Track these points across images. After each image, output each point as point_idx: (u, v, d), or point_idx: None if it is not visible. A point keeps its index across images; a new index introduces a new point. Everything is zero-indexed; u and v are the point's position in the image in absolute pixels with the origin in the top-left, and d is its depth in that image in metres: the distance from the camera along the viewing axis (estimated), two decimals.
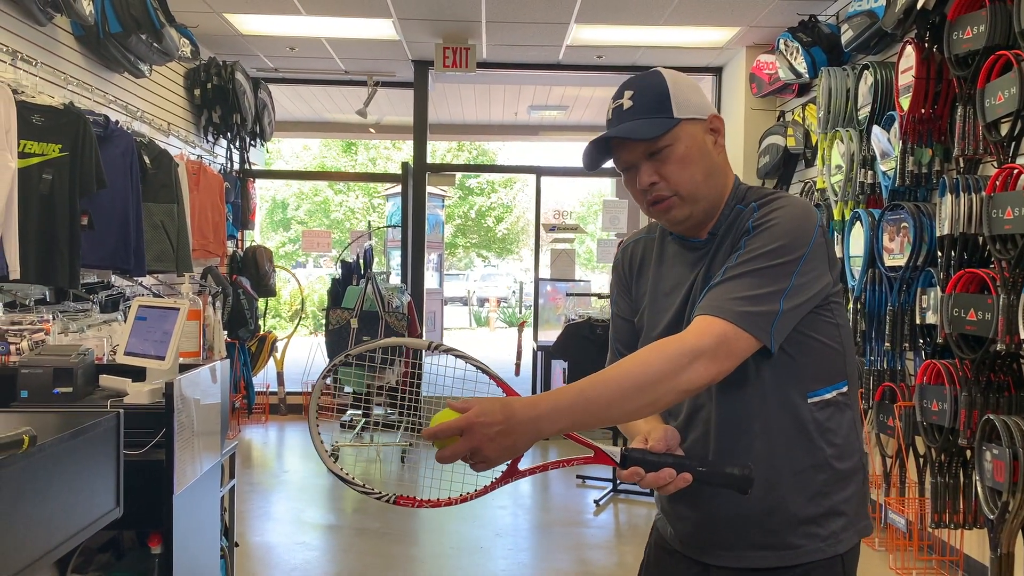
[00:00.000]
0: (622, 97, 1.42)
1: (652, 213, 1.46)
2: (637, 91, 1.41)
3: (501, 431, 1.18)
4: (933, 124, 3.82)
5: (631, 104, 1.41)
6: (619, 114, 1.42)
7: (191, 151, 6.08)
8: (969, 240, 3.39)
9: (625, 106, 1.41)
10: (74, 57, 4.45)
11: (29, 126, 3.57)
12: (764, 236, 1.35)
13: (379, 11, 5.74)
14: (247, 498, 5.01)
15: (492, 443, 1.18)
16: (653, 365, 1.26)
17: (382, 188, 16.39)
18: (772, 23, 5.78)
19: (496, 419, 1.18)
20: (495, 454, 1.19)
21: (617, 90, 1.45)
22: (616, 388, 1.24)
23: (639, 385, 1.25)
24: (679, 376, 1.26)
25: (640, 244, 1.59)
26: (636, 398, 1.25)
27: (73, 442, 1.69)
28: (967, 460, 3.54)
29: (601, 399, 1.24)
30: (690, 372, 1.26)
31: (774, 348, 1.33)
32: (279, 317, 13.92)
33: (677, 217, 1.43)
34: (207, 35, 6.24)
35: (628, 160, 1.43)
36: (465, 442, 1.18)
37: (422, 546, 4.35)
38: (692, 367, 1.26)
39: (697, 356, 1.26)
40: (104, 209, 4.06)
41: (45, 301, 3.99)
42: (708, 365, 1.27)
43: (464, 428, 1.18)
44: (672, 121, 1.39)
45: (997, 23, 3.25)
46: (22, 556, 1.50)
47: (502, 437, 1.18)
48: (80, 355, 2.43)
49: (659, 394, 1.26)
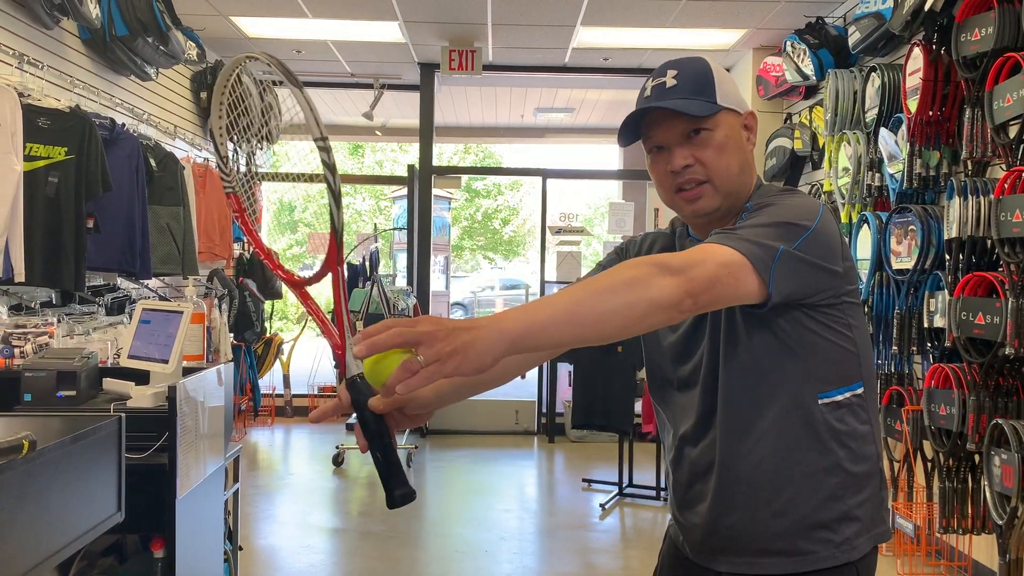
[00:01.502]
0: (664, 76, 1.37)
1: (677, 201, 1.39)
2: (681, 71, 1.37)
3: (457, 326, 1.00)
4: (941, 126, 3.80)
5: (675, 83, 1.36)
6: (661, 91, 1.36)
7: (197, 154, 6.09)
8: (977, 243, 3.36)
9: (668, 84, 1.36)
10: (80, 60, 4.46)
11: (35, 129, 3.58)
12: (763, 213, 1.29)
13: (385, 14, 5.74)
14: (252, 501, 5.01)
15: (450, 336, 0.98)
16: (630, 269, 1.13)
17: (389, 191, 16.40)
18: (779, 25, 5.76)
19: (450, 321, 1.02)
20: (453, 346, 0.98)
21: (657, 69, 1.40)
22: (585, 286, 1.10)
23: (610, 286, 1.10)
24: (651, 281, 1.11)
25: (659, 238, 1.55)
26: (604, 298, 1.09)
27: (74, 446, 1.68)
28: (976, 465, 3.51)
29: (567, 296, 1.09)
30: (665, 280, 1.12)
31: (772, 290, 1.22)
32: (286, 319, 13.94)
33: (705, 207, 1.37)
34: (213, 38, 6.25)
35: (663, 139, 1.37)
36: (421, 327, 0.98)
37: (427, 549, 4.34)
38: (674, 277, 1.12)
39: (684, 268, 1.14)
40: (110, 212, 4.06)
41: (51, 303, 4.00)
42: (689, 281, 1.13)
43: (415, 322, 1.00)
44: (716, 106, 1.35)
45: (1005, 25, 3.23)
46: (23, 561, 1.49)
47: (461, 331, 0.99)
48: (84, 358, 2.43)
49: (628, 299, 1.09)
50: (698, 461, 1.42)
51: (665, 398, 1.50)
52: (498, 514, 4.92)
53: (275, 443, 6.80)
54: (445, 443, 6.69)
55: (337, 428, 7.15)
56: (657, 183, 1.41)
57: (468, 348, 0.99)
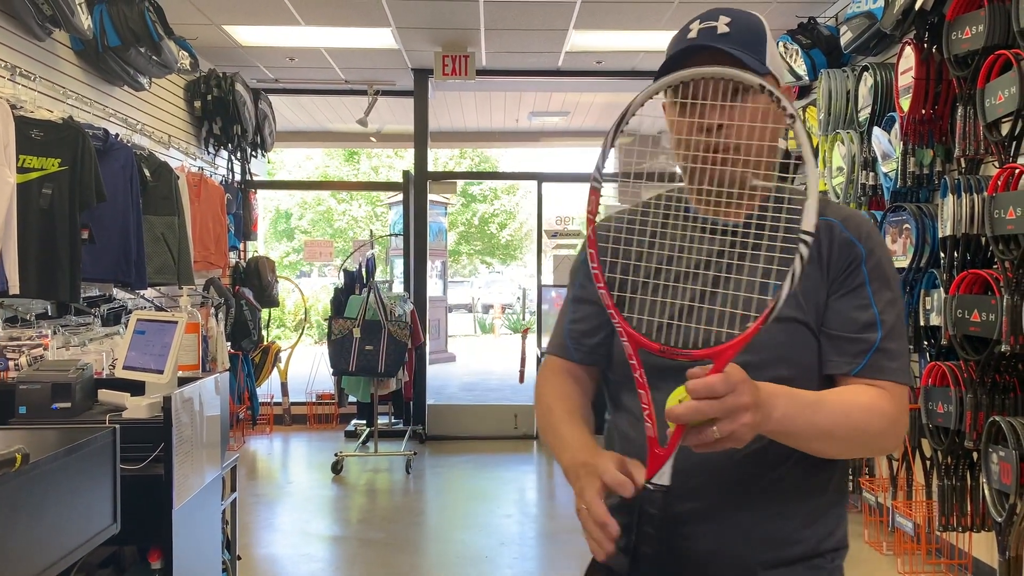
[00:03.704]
0: (715, 20, 1.21)
1: (693, 168, 1.18)
2: (735, 20, 1.22)
3: (756, 402, 0.98)
4: (934, 125, 3.80)
5: (727, 31, 1.20)
6: (712, 35, 1.19)
7: (192, 163, 6.09)
8: (972, 241, 3.37)
9: (720, 30, 1.20)
10: (73, 71, 4.46)
11: (28, 141, 3.58)
12: (884, 278, 1.22)
13: (378, 20, 5.75)
14: (251, 510, 5.00)
15: (749, 413, 0.97)
16: (879, 414, 1.16)
17: (385, 197, 16.41)
18: (771, 26, 5.67)
19: (753, 387, 0.99)
20: (748, 426, 0.97)
21: (706, 12, 1.23)
22: (842, 415, 1.12)
23: (863, 426, 1.14)
24: (889, 440, 1.18)
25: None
26: (852, 437, 1.14)
27: (68, 459, 1.68)
28: (974, 462, 3.51)
29: (828, 419, 1.11)
30: (893, 440, 1.19)
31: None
32: (284, 327, 13.93)
33: (732, 177, 1.18)
34: (206, 47, 6.25)
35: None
36: (732, 399, 0.96)
37: (427, 556, 4.33)
38: (896, 435, 1.19)
39: (900, 426, 1.19)
40: (105, 222, 4.06)
41: (47, 315, 3.99)
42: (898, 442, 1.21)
43: (733, 383, 0.96)
44: (766, 68, 1.20)
45: (996, 23, 3.23)
46: (18, 575, 1.49)
47: (756, 410, 0.98)
48: (78, 370, 2.42)
49: (872, 446, 1.18)
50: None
51: None
52: (498, 519, 4.92)
53: (274, 451, 6.78)
54: (444, 448, 6.69)
55: (336, 436, 7.14)
56: (676, 140, 1.21)
57: (748, 434, 0.99)
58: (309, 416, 7.64)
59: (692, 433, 0.98)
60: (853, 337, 1.19)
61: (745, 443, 0.99)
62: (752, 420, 0.97)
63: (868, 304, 1.20)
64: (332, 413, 7.60)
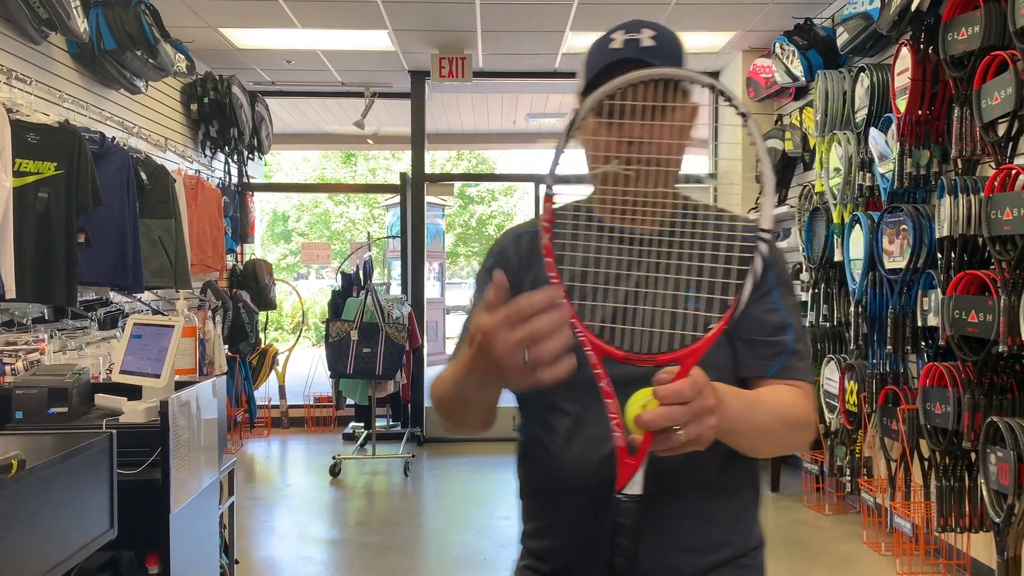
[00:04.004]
0: (639, 32, 1.19)
1: (611, 177, 1.17)
2: (660, 34, 1.20)
3: (718, 403, 0.99)
4: (930, 125, 3.81)
5: (653, 44, 1.18)
6: (636, 48, 1.18)
7: (188, 166, 6.08)
8: (969, 241, 3.37)
9: (644, 43, 1.18)
10: (69, 75, 4.45)
11: (24, 145, 3.57)
12: (787, 284, 1.27)
13: (374, 23, 5.75)
14: (249, 513, 4.99)
15: (713, 415, 0.97)
16: (802, 412, 1.19)
17: (382, 199, 16.40)
18: (768, 27, 5.77)
19: (713, 389, 0.99)
20: (713, 428, 0.97)
21: (629, 23, 1.22)
22: (775, 414, 1.15)
23: (792, 423, 1.17)
24: (808, 435, 1.21)
25: (533, 237, 1.29)
26: (782, 433, 1.17)
27: (64, 465, 1.67)
28: (972, 463, 3.51)
29: (765, 416, 1.14)
30: (810, 435, 1.22)
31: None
32: (281, 330, 13.92)
33: (647, 190, 1.17)
34: (203, 50, 6.25)
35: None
36: (699, 402, 0.95)
37: (426, 559, 4.32)
38: (812, 430, 1.23)
39: (814, 422, 1.24)
40: (101, 226, 4.05)
41: (44, 319, 3.98)
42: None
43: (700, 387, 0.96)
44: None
45: (992, 23, 3.24)
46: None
47: (718, 411, 0.99)
48: (75, 374, 2.42)
49: (795, 442, 1.20)
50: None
51: None
52: (497, 521, 4.91)
53: (272, 454, 6.77)
54: (442, 451, 6.68)
55: (334, 439, 7.13)
56: (594, 150, 1.18)
57: (712, 436, 0.98)
58: (307, 419, 7.63)
59: (659, 438, 0.96)
60: (767, 340, 1.22)
61: (708, 445, 0.98)
62: (716, 422, 0.97)
63: (777, 308, 1.24)
64: (330, 416, 7.59)
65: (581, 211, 1.21)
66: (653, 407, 0.94)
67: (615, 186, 1.16)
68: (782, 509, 5.04)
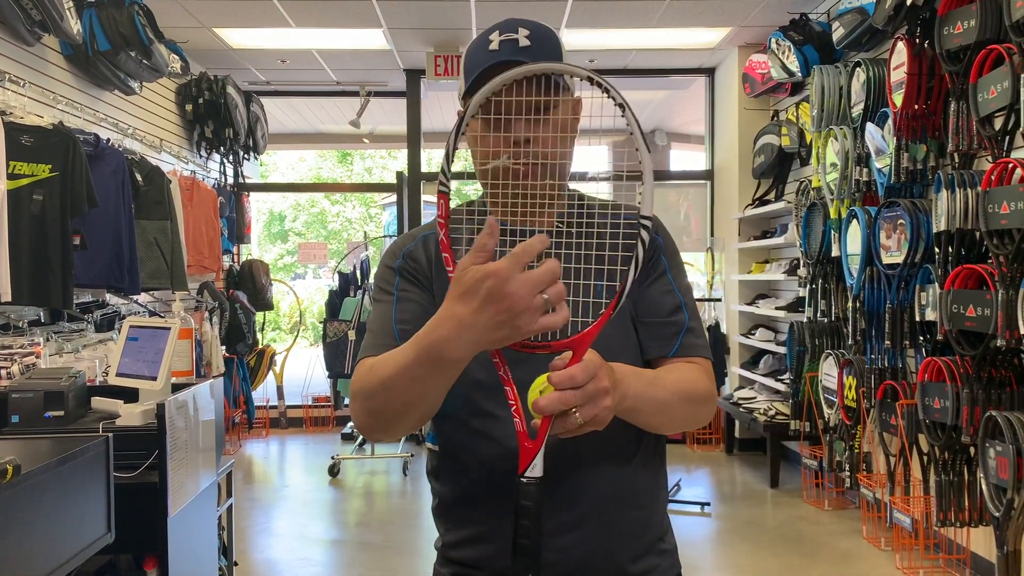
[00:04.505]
0: (515, 32, 1.20)
1: (496, 179, 1.19)
2: (534, 33, 1.21)
3: (613, 384, 1.02)
4: (927, 120, 3.80)
5: (529, 44, 1.19)
6: (513, 49, 1.19)
7: (184, 167, 6.06)
8: (966, 236, 3.36)
9: (522, 43, 1.19)
10: (63, 76, 4.44)
11: (18, 147, 3.55)
12: (679, 265, 1.32)
13: (369, 21, 5.73)
14: (248, 514, 4.98)
15: (608, 396, 0.99)
16: (702, 387, 1.22)
17: (379, 198, 16.38)
18: (763, 22, 5.77)
19: (609, 370, 1.02)
20: (608, 408, 0.99)
21: (501, 23, 1.23)
22: (676, 390, 1.18)
23: (693, 397, 1.20)
24: (709, 409, 1.24)
25: (433, 238, 1.31)
26: (684, 409, 1.19)
27: (60, 469, 1.66)
28: (971, 457, 3.51)
29: (665, 394, 1.16)
30: (711, 410, 1.25)
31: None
32: (279, 330, 13.90)
33: (537, 188, 1.19)
34: (197, 50, 6.23)
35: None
36: (592, 385, 0.97)
37: (425, 559, 4.31)
38: (713, 405, 1.26)
39: (715, 397, 1.26)
40: (96, 228, 4.04)
41: (39, 322, 3.97)
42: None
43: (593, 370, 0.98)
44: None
45: (987, 17, 3.23)
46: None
47: (614, 391, 1.01)
48: (71, 378, 2.41)
49: (697, 416, 1.22)
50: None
51: None
52: None
53: (270, 455, 6.76)
54: None
55: (332, 439, 7.13)
56: (482, 151, 1.20)
57: (608, 416, 1.00)
58: (305, 419, 7.62)
59: (557, 421, 0.99)
60: (665, 322, 1.27)
61: (606, 424, 1.01)
62: (611, 402, 1.00)
63: (672, 289, 1.29)
64: (328, 416, 7.58)
65: (475, 209, 1.26)
66: (549, 392, 0.97)
67: (504, 182, 1.19)
68: (781, 505, 5.04)
